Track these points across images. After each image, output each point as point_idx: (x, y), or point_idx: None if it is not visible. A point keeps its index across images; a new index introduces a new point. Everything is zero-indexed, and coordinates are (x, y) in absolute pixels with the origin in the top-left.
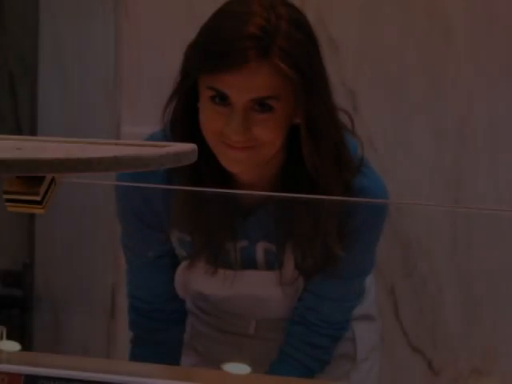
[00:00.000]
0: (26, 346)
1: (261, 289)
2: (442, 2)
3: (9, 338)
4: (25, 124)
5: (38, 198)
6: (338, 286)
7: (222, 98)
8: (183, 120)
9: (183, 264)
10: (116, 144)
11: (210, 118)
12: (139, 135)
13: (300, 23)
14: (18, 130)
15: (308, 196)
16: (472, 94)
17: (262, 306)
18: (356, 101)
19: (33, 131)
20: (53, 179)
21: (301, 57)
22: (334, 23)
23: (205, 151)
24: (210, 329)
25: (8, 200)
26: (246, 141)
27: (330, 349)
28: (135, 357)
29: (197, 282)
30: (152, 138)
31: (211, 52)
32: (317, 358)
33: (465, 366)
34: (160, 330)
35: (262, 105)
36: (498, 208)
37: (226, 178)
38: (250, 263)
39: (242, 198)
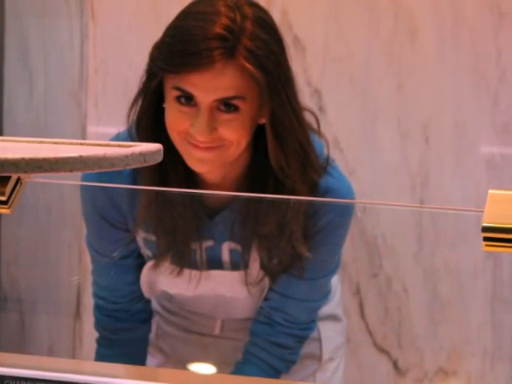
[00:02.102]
0: None
1: (226, 289)
2: (407, 2)
3: None
4: None
5: (4, 198)
6: (304, 286)
7: (187, 98)
8: (148, 120)
9: (149, 264)
10: (81, 144)
11: (175, 118)
12: (105, 135)
13: (265, 23)
14: None
15: (274, 196)
16: (438, 95)
17: (227, 306)
18: (322, 101)
19: None
20: (18, 179)
21: (266, 57)
22: (299, 23)
23: (170, 151)
24: (175, 329)
25: None
26: (212, 141)
27: (296, 349)
28: (101, 357)
29: (162, 281)
30: (117, 137)
31: (177, 52)
32: (283, 358)
33: (430, 365)
34: (126, 330)
35: (227, 105)
36: (462, 208)
37: (191, 178)
38: (215, 263)
39: (207, 198)
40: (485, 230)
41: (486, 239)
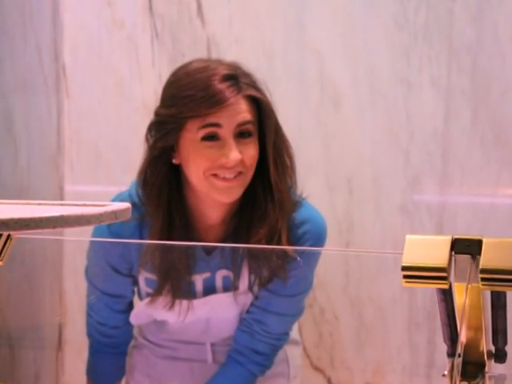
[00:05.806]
0: None
1: (219, 309)
2: (331, 77)
3: None
4: None
5: None
6: (283, 302)
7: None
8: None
9: (147, 300)
10: (62, 204)
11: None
12: (80, 192)
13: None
14: None
15: (257, 246)
16: (359, 153)
17: (217, 328)
18: None
19: None
20: (9, 236)
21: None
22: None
23: (179, 203)
24: (163, 358)
25: None
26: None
27: (271, 356)
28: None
29: (158, 314)
30: (120, 196)
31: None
32: (259, 363)
33: (358, 380)
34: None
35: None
36: (383, 251)
37: (191, 222)
38: (210, 290)
39: (206, 237)
40: (404, 269)
41: (405, 277)
